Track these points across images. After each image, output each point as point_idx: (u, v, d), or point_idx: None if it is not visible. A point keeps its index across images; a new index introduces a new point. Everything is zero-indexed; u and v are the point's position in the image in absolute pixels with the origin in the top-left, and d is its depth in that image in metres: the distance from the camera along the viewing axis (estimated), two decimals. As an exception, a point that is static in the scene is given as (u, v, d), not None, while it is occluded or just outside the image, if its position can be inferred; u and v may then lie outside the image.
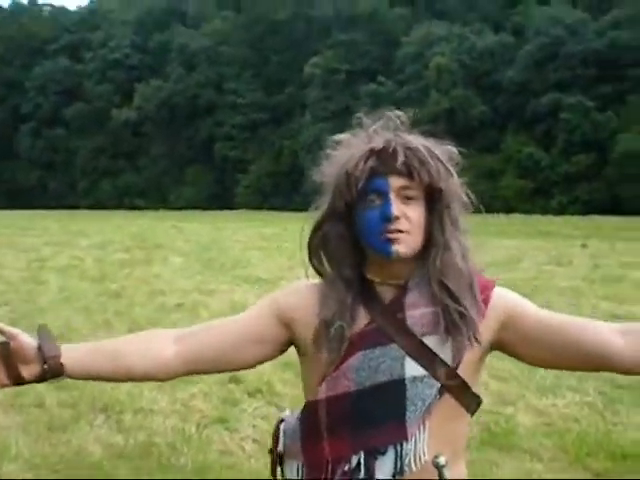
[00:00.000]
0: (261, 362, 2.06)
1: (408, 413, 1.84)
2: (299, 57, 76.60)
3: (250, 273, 15.43)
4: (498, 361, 7.42)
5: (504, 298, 1.98)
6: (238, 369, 2.11)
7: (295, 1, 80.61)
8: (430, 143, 1.92)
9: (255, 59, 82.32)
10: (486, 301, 1.94)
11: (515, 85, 63.36)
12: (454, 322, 1.86)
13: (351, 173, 1.86)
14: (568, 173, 58.74)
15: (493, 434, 5.80)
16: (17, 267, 16.81)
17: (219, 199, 75.15)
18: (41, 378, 1.85)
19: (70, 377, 1.90)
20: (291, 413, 2.04)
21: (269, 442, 2.03)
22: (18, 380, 1.85)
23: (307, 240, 2.00)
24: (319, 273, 2.02)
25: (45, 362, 1.82)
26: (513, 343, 1.96)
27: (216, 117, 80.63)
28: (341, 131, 2.00)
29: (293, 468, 1.97)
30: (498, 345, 1.99)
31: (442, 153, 1.92)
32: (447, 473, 1.82)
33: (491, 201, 58.54)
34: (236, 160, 76.66)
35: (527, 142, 62.06)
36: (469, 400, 1.94)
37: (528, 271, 16.32)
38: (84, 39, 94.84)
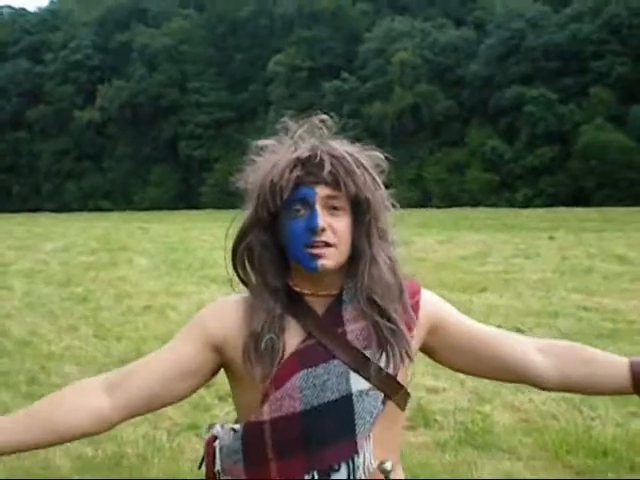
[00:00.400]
0: (194, 392, 1.99)
1: (357, 427, 1.83)
2: (262, 55, 76.55)
3: (218, 273, 15.14)
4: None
5: (432, 303, 2.00)
6: (172, 404, 1.99)
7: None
8: (356, 150, 1.88)
9: (218, 57, 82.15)
10: (415, 307, 1.94)
11: (478, 79, 63.63)
12: (386, 338, 1.84)
13: (276, 182, 1.79)
14: (532, 166, 59.06)
15: (470, 433, 5.70)
16: (-22, 273, 16.56)
17: (185, 199, 74.97)
18: None
19: (3, 454, 1.77)
20: (222, 429, 1.94)
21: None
22: None
23: (231, 250, 1.94)
24: (244, 283, 1.96)
25: None
26: (436, 348, 2.00)
27: (180, 116, 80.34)
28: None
29: None
30: (422, 348, 2.01)
31: (368, 161, 1.88)
32: (392, 476, 1.87)
33: (458, 194, 59.02)
34: (201, 159, 76.40)
35: (491, 135, 62.38)
36: (405, 401, 1.95)
37: (497, 265, 16.33)
38: (44, 40, 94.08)
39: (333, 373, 1.82)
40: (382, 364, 1.84)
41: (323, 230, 1.78)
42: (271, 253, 1.88)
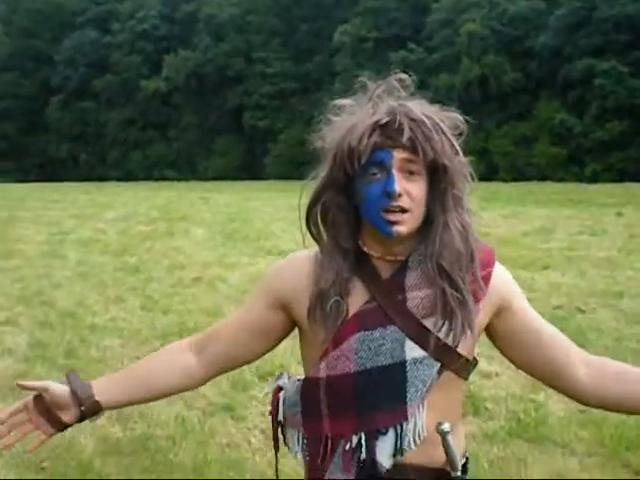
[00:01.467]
0: (274, 347, 2.11)
1: (409, 395, 1.85)
2: (328, 25, 75.95)
3: (273, 245, 14.95)
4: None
5: (504, 282, 2.00)
6: (255, 360, 2.14)
7: (323, -32, 79.97)
8: (435, 112, 1.87)
9: (283, 28, 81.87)
10: (486, 279, 1.94)
11: (547, 51, 62.24)
12: (451, 307, 1.84)
13: (354, 147, 1.79)
14: (602, 140, 57.63)
15: (522, 425, 5.31)
16: (37, 241, 16.50)
17: (249, 169, 74.97)
18: (81, 419, 1.97)
19: (108, 409, 2.00)
20: (289, 380, 2.06)
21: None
22: (61, 427, 1.96)
23: (306, 208, 1.96)
24: (316, 240, 1.99)
25: (82, 405, 1.92)
26: (498, 331, 2.00)
27: (245, 87, 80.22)
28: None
29: (294, 437, 2.00)
30: (487, 329, 2.02)
31: (447, 124, 1.87)
32: (450, 439, 1.89)
33: (525, 168, 58.12)
34: (266, 130, 76.04)
35: (560, 109, 61.02)
36: (467, 370, 1.99)
37: (561, 241, 15.75)
38: (112, 11, 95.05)
39: (389, 338, 1.85)
40: (442, 334, 1.85)
41: (400, 195, 1.79)
42: (345, 214, 1.90)
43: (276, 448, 2.10)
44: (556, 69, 61.50)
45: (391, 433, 1.86)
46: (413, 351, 1.85)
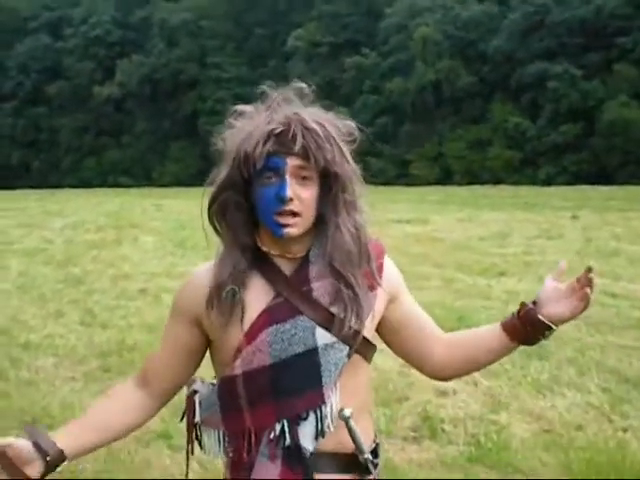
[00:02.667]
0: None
1: (324, 378, 1.95)
2: (282, 30, 75.83)
3: (225, 253, 14.52)
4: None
5: (394, 273, 2.17)
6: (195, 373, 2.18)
7: (277, -28, 79.78)
8: (328, 120, 1.98)
9: (237, 32, 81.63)
10: (380, 269, 2.09)
11: (501, 55, 62.52)
12: (344, 301, 1.95)
13: (250, 153, 1.90)
14: (555, 143, 58.03)
15: (483, 450, 4.93)
16: (-22, 252, 16.01)
17: (205, 175, 73.94)
18: (46, 472, 1.92)
19: (72, 458, 1.98)
20: (202, 383, 2.09)
21: (218, 464, 2.13)
22: None
23: (207, 205, 2.04)
24: (219, 236, 2.06)
25: (47, 455, 1.90)
26: (384, 318, 2.13)
27: (200, 92, 79.78)
28: (326, 105, 2.04)
29: (214, 436, 2.04)
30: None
31: (340, 131, 1.98)
32: (353, 423, 1.96)
33: (479, 172, 58.18)
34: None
35: (514, 112, 61.30)
36: (370, 352, 2.08)
37: (518, 246, 15.56)
38: (64, 16, 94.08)
39: (300, 328, 1.94)
40: (347, 319, 1.94)
41: (291, 200, 1.90)
42: (243, 213, 1.99)
43: (190, 451, 2.12)
44: (509, 73, 61.82)
45: (311, 417, 1.95)
46: (323, 337, 1.94)
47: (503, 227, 19.28)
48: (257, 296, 1.97)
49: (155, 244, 16.71)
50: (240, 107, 2.06)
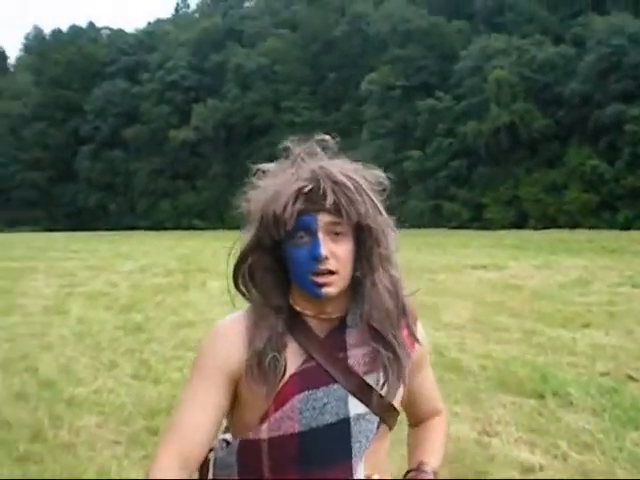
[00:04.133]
0: None
1: (354, 451, 1.88)
2: (356, 74, 75.98)
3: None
4: (580, 424, 6.04)
5: (423, 338, 2.06)
6: None
7: (351, 17, 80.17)
8: (358, 170, 1.90)
9: (311, 77, 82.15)
10: (415, 333, 2.01)
11: (577, 97, 61.52)
12: (385, 365, 1.89)
13: (279, 215, 1.81)
14: (634, 186, 56.63)
15: None
16: (44, 294, 15.83)
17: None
18: None
19: None
20: (215, 440, 1.98)
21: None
22: None
23: (232, 270, 1.95)
24: (248, 300, 1.96)
25: None
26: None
27: (273, 136, 79.85)
28: (399, 148, 1.61)
29: None
30: None
31: (370, 181, 1.91)
32: None
33: (556, 216, 57.00)
34: (294, 179, 75.62)
35: (591, 155, 60.13)
36: (394, 419, 2.01)
37: (601, 294, 14.65)
38: (141, 61, 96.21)
39: (333, 397, 1.87)
40: (383, 391, 1.91)
41: (326, 258, 1.82)
42: (273, 275, 1.92)
43: None
44: (586, 115, 60.70)
45: None
46: (356, 407, 1.88)
47: (583, 273, 18.41)
48: (289, 358, 1.88)
49: (221, 289, 16.30)
50: (263, 165, 1.97)
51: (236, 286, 1.97)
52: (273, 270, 1.91)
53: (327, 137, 1.98)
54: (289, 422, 1.84)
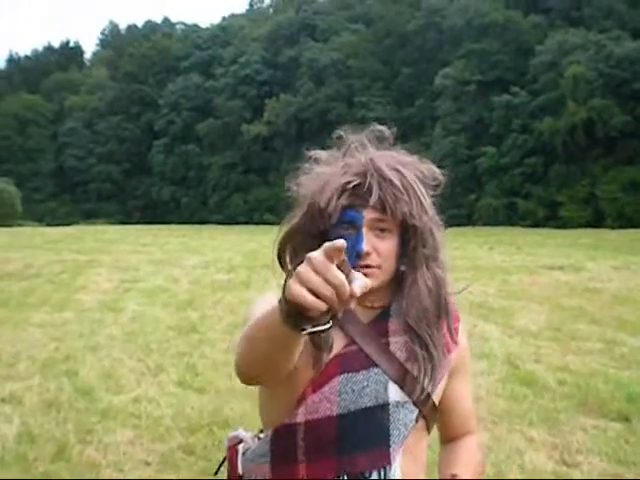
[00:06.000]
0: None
1: (392, 438, 1.85)
2: (430, 69, 74.92)
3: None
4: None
5: (465, 346, 2.05)
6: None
7: (425, 12, 79.19)
8: (410, 164, 1.88)
9: (385, 72, 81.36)
10: (456, 332, 1.98)
11: (658, 93, 59.68)
12: (419, 362, 1.87)
13: (324, 208, 1.81)
14: None
15: None
16: (102, 289, 15.49)
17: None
18: None
19: None
20: (246, 433, 2.01)
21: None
22: None
23: (277, 248, 1.93)
24: (287, 273, 1.89)
25: None
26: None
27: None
28: (472, 145, 1.68)
29: None
30: None
31: (421, 178, 1.88)
32: None
33: (634, 215, 55.38)
34: (366, 175, 74.88)
35: (672, 152, 58.30)
36: (434, 419, 1.99)
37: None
38: (215, 55, 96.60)
39: (372, 380, 1.84)
40: (423, 382, 1.87)
41: (368, 254, 1.80)
42: None
43: None
44: (666, 112, 58.83)
45: (374, 476, 1.83)
46: (396, 394, 1.85)
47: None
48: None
49: (283, 287, 15.77)
50: (315, 153, 1.98)
51: (281, 264, 1.93)
52: None
53: (382, 128, 1.94)
54: (327, 404, 1.82)
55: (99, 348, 9.54)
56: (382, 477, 1.83)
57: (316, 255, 1.39)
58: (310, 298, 1.35)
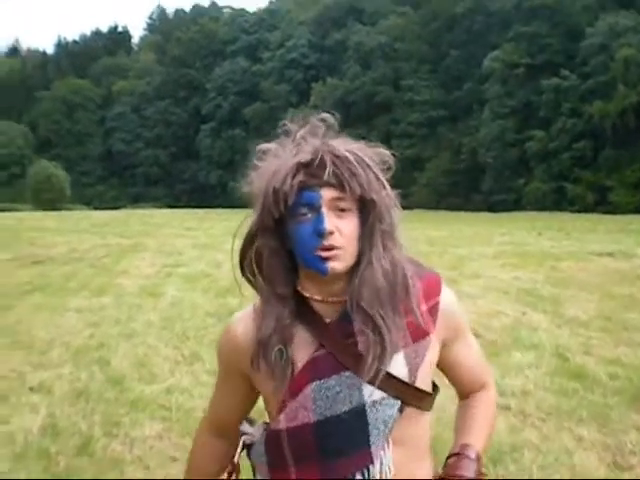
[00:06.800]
0: None
1: (372, 438, 1.84)
2: (478, 52, 74.20)
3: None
4: None
5: (452, 313, 1.99)
6: None
7: (474, -6, 78.31)
8: (360, 148, 1.86)
9: (432, 55, 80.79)
10: (435, 309, 1.94)
11: None
12: (368, 346, 1.83)
13: (278, 189, 1.79)
14: None
15: None
16: (144, 274, 15.30)
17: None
18: None
19: None
20: (250, 426, 2.04)
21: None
22: None
23: (239, 256, 1.97)
24: (255, 288, 1.96)
25: None
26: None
27: (393, 115, 79.48)
28: (521, 128, 1.70)
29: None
30: None
31: (373, 159, 1.86)
32: (420, 475, 1.94)
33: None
34: (413, 158, 74.18)
35: None
36: (429, 403, 1.96)
37: None
38: (262, 39, 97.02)
39: (345, 384, 1.83)
40: (402, 367, 1.86)
41: (331, 233, 1.78)
42: (279, 258, 1.89)
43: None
44: None
45: (358, 476, 1.83)
46: (371, 394, 1.83)
47: None
48: (299, 347, 1.86)
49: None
50: (263, 145, 1.93)
51: (242, 272, 1.96)
52: (279, 254, 1.87)
53: (328, 115, 1.92)
54: (304, 412, 1.83)
55: (135, 335, 9.33)
56: (365, 476, 1.83)
57: None
58: None
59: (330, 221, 1.78)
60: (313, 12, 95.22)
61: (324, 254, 1.77)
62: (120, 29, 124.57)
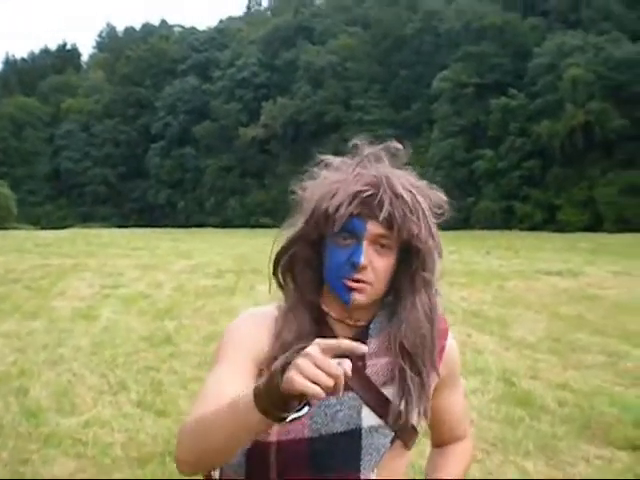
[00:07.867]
0: None
1: (363, 463, 1.82)
2: (427, 71, 74.90)
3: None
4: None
5: (453, 359, 2.01)
6: None
7: (423, 15, 79.00)
8: (419, 189, 1.83)
9: (382, 74, 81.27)
10: (441, 352, 1.94)
11: (656, 96, 59.13)
12: (409, 388, 1.84)
13: (331, 214, 1.77)
14: None
15: None
16: (80, 296, 14.84)
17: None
18: None
19: None
20: None
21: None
22: None
23: (274, 256, 1.92)
24: (282, 289, 1.93)
25: None
26: None
27: (343, 133, 79.09)
28: (470, 148, 1.73)
29: None
30: None
31: (432, 200, 1.85)
32: None
33: (633, 219, 54.90)
34: (364, 177, 74.37)
35: (670, 156, 57.78)
36: (414, 441, 1.95)
37: None
38: (212, 58, 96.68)
39: (346, 405, 1.82)
40: (401, 406, 1.84)
41: (364, 268, 1.77)
42: (312, 270, 1.88)
43: None
44: (665, 115, 58.32)
45: None
46: (370, 419, 1.83)
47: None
48: None
49: (267, 295, 15.16)
50: (327, 157, 1.91)
51: (274, 273, 1.92)
52: (313, 265, 1.88)
53: (399, 145, 1.90)
54: (299, 426, 1.78)
55: (61, 362, 8.85)
56: None
57: (314, 352, 1.41)
58: (314, 388, 1.37)
59: (367, 255, 1.77)
60: (263, 31, 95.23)
61: (351, 285, 1.78)
62: (69, 47, 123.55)
